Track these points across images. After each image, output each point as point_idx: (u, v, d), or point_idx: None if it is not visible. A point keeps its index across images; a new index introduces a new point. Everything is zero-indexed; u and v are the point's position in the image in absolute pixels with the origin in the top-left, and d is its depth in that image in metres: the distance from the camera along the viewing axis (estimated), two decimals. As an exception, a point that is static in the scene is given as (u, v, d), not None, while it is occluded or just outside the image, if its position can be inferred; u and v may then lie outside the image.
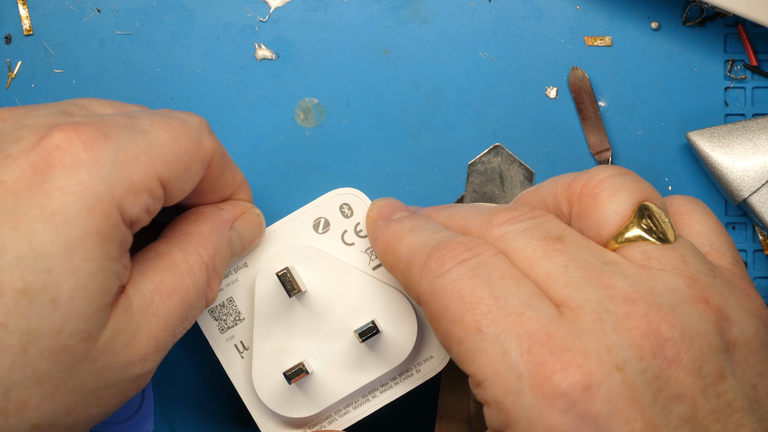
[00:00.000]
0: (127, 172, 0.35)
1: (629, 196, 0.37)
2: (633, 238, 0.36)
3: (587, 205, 0.37)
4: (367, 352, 0.43)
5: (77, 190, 0.33)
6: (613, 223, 0.37)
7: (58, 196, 0.33)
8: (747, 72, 0.49)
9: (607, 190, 0.37)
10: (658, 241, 0.36)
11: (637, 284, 0.35)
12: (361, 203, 0.44)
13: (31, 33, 0.49)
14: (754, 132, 0.48)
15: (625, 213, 0.37)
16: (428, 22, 0.49)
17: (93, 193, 0.34)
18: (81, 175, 0.34)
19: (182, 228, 0.40)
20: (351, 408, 0.44)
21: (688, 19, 0.49)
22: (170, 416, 0.50)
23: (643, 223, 0.36)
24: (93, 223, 0.34)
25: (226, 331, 0.44)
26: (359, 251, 0.44)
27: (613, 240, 0.37)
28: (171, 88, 0.49)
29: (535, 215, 0.37)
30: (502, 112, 0.49)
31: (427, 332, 0.44)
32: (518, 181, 0.49)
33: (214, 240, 0.40)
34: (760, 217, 0.48)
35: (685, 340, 0.33)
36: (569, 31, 0.49)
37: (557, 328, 0.33)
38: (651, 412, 0.33)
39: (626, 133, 0.49)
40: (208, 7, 0.49)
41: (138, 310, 0.36)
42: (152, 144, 0.36)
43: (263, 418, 0.44)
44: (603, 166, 0.38)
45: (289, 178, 0.49)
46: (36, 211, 0.33)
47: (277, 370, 0.43)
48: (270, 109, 0.49)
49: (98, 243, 0.34)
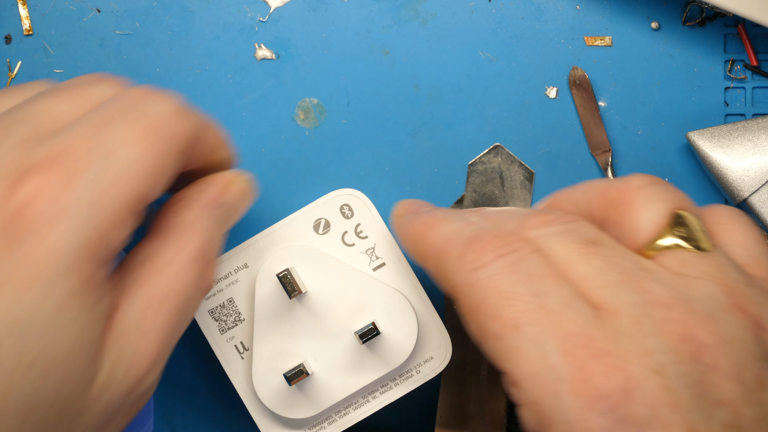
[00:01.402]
0: (104, 211, 0.33)
1: (664, 205, 0.36)
2: (668, 246, 0.36)
3: (622, 212, 0.37)
4: (368, 354, 0.43)
5: (55, 250, 0.32)
6: (649, 231, 0.36)
7: (37, 260, 0.32)
8: (747, 72, 0.49)
9: (643, 198, 0.37)
10: (694, 249, 0.36)
11: (673, 290, 0.34)
12: (362, 204, 0.44)
13: (31, 33, 0.49)
14: (754, 132, 0.48)
15: (661, 221, 0.36)
16: (428, 22, 0.49)
17: (72, 248, 0.32)
18: (56, 234, 0.32)
19: (169, 220, 0.38)
20: (351, 409, 0.44)
21: (688, 19, 0.49)
22: (170, 416, 0.50)
23: (678, 231, 0.36)
24: (75, 279, 0.32)
25: (226, 332, 0.44)
26: (360, 252, 0.44)
27: (648, 247, 0.36)
28: (171, 88, 0.49)
29: (570, 219, 0.37)
30: (502, 112, 0.49)
31: (427, 333, 0.44)
32: (518, 181, 0.49)
33: (203, 226, 0.38)
34: (760, 217, 0.48)
35: (724, 347, 0.33)
36: (569, 31, 0.49)
37: (597, 330, 0.33)
38: (692, 417, 0.32)
39: (626, 133, 0.49)
40: (208, 7, 0.49)
41: (133, 328, 0.35)
42: (123, 166, 0.34)
43: (263, 419, 0.44)
44: (638, 175, 0.38)
45: (289, 178, 0.49)
46: (17, 280, 0.31)
47: (278, 371, 0.43)
48: (270, 109, 0.49)
49: (83, 296, 0.32)
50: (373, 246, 0.44)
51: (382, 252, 0.44)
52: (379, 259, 0.44)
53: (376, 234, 0.44)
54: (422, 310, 0.44)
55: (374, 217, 0.44)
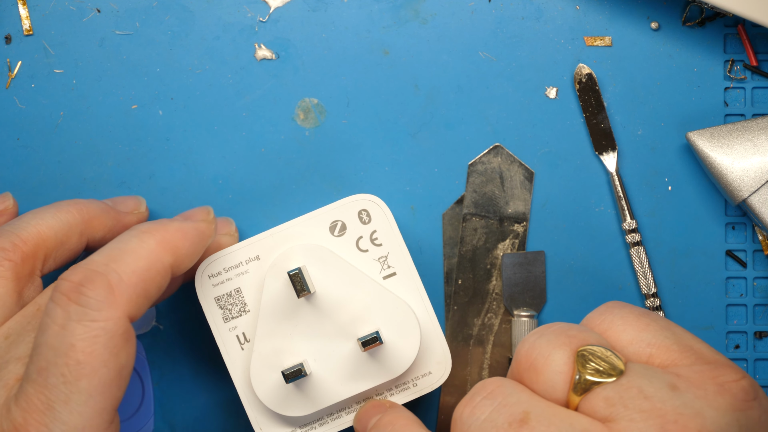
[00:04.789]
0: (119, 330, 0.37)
1: (562, 351, 0.37)
2: (588, 387, 0.36)
3: (530, 378, 0.37)
4: (367, 361, 0.43)
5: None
6: (561, 382, 0.37)
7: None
8: (747, 72, 0.49)
9: (540, 356, 0.37)
10: (612, 378, 0.36)
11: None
12: (381, 212, 0.44)
13: (31, 33, 0.49)
14: (754, 132, 0.48)
15: (567, 369, 0.37)
16: (428, 22, 0.49)
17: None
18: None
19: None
20: (344, 413, 0.44)
21: (687, 19, 0.49)
22: (170, 416, 0.50)
23: (588, 368, 0.36)
24: None
25: (229, 321, 0.44)
26: (372, 259, 0.44)
27: (572, 394, 0.37)
28: (171, 88, 0.49)
29: (491, 393, 0.37)
30: (502, 112, 0.49)
31: (429, 348, 0.44)
32: (518, 181, 0.49)
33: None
34: (760, 217, 0.48)
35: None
36: (569, 31, 0.49)
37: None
38: None
39: (626, 133, 0.49)
40: (208, 7, 0.49)
41: None
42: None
43: (254, 412, 0.44)
44: (528, 335, 0.38)
45: (289, 178, 0.49)
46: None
47: (276, 367, 0.43)
48: (270, 109, 0.49)
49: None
50: (387, 254, 0.44)
51: (395, 262, 0.44)
52: (390, 268, 0.44)
53: (390, 243, 0.44)
54: (427, 325, 0.44)
55: (391, 226, 0.44)
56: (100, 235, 0.43)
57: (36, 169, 0.49)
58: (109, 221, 0.43)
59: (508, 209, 0.49)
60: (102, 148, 0.49)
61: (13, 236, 0.40)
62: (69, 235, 0.42)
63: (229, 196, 0.49)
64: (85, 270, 0.37)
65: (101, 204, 0.44)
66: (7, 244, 0.40)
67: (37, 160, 0.49)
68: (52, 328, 0.36)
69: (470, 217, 0.49)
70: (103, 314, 0.36)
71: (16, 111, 0.49)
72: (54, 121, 0.49)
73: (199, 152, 0.49)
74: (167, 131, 0.49)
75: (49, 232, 0.41)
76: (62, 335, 0.36)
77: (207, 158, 0.49)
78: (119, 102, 0.49)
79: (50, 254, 0.41)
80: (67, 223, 0.42)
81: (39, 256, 0.41)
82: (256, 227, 0.49)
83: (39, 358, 0.36)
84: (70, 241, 0.42)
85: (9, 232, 0.41)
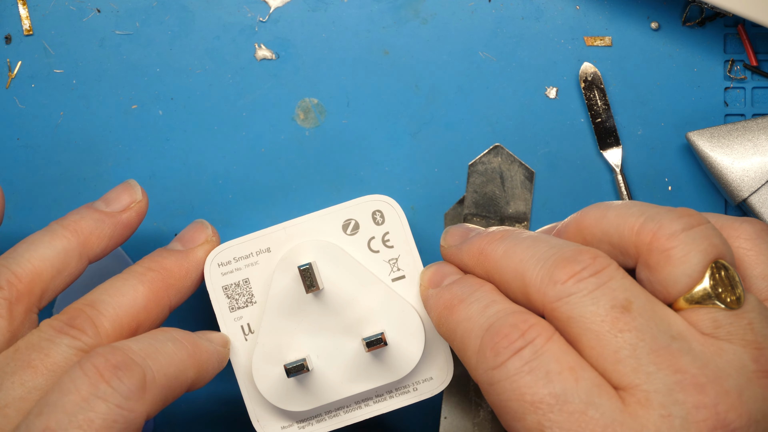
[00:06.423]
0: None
1: (701, 257, 0.36)
2: (703, 302, 0.36)
3: (657, 260, 0.36)
4: (370, 361, 0.43)
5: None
6: (684, 284, 0.36)
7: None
8: (747, 72, 0.49)
9: (679, 248, 0.36)
10: (728, 306, 0.36)
11: (705, 366, 0.34)
12: (395, 214, 0.44)
13: (31, 33, 0.49)
14: (754, 132, 0.48)
15: (697, 275, 0.36)
16: (428, 22, 0.49)
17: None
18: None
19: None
20: (342, 411, 0.44)
21: (688, 19, 0.49)
22: (170, 416, 0.50)
23: (713, 284, 0.36)
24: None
25: (235, 311, 0.44)
26: (382, 260, 0.44)
27: (683, 299, 0.36)
28: (171, 88, 0.49)
29: (599, 269, 0.36)
30: (502, 112, 0.49)
31: (432, 353, 0.44)
32: (518, 181, 0.49)
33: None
34: (760, 217, 0.48)
35: (755, 426, 0.34)
36: (569, 31, 0.49)
37: (621, 428, 0.33)
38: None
39: (626, 133, 0.49)
40: (208, 7, 0.49)
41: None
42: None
43: (253, 403, 0.44)
44: (673, 216, 0.37)
45: (289, 178, 0.49)
46: None
47: (279, 361, 0.43)
48: (270, 109, 0.49)
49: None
50: (397, 257, 0.44)
51: (405, 265, 0.44)
52: (400, 271, 0.44)
53: (402, 246, 0.44)
54: (432, 330, 0.44)
55: (404, 228, 0.44)
56: (100, 249, 0.43)
57: (36, 169, 0.49)
58: (107, 230, 0.43)
59: (509, 209, 0.49)
60: (102, 148, 0.49)
61: (8, 273, 0.40)
62: (67, 262, 0.41)
63: (229, 196, 0.49)
64: (124, 355, 0.37)
65: (95, 214, 0.43)
66: (1, 282, 0.40)
67: (37, 160, 0.49)
68: (75, 395, 0.36)
69: (471, 218, 0.49)
70: (131, 404, 0.37)
71: (16, 111, 0.49)
72: (54, 121, 0.49)
73: (199, 152, 0.49)
74: (167, 131, 0.49)
75: (44, 264, 0.41)
76: (83, 407, 0.36)
77: (207, 158, 0.49)
78: (119, 102, 0.49)
79: (47, 287, 0.41)
80: (63, 251, 0.41)
81: (35, 292, 0.41)
82: (256, 227, 0.49)
83: (49, 418, 0.36)
84: (68, 267, 0.42)
85: (3, 268, 0.40)
